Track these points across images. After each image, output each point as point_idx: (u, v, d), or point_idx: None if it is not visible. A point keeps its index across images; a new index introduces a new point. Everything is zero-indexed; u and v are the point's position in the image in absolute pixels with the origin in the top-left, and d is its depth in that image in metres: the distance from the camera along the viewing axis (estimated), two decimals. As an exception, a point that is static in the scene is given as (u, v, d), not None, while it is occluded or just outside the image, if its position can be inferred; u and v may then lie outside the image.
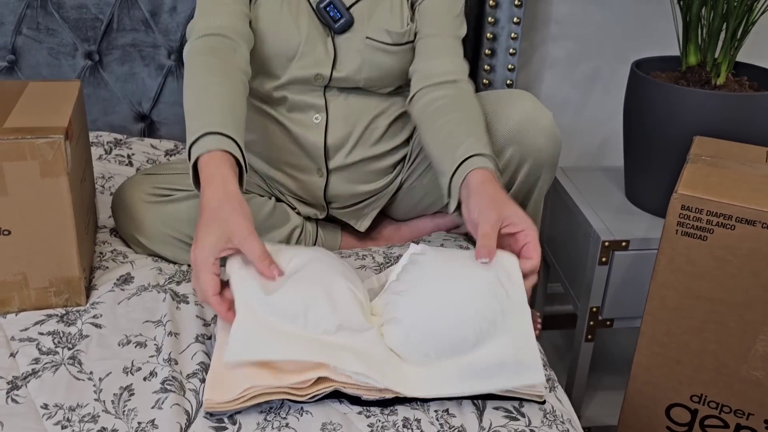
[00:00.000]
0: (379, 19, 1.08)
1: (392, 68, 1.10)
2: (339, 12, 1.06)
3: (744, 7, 1.26)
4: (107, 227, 1.14)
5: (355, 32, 1.08)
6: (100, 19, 1.38)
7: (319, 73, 1.08)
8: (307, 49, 1.07)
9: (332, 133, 1.10)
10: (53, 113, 0.89)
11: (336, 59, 1.08)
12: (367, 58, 1.08)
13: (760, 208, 0.95)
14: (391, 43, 1.08)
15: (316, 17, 1.07)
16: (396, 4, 1.09)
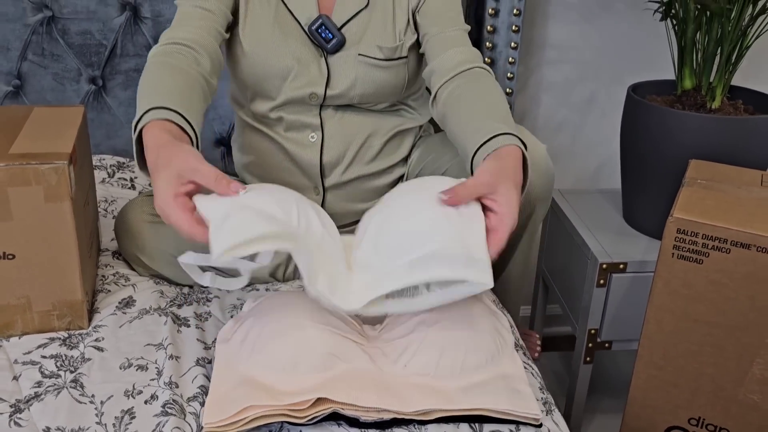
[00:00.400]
0: (371, 35, 1.10)
1: (386, 83, 1.12)
2: (331, 32, 1.08)
3: (738, 31, 1.28)
4: (109, 250, 1.15)
5: (348, 50, 1.10)
6: (104, 45, 1.40)
7: (314, 92, 1.10)
8: (301, 69, 1.09)
9: (328, 152, 1.12)
10: (58, 139, 0.91)
11: (329, 78, 1.10)
12: (360, 74, 1.10)
13: (755, 231, 0.97)
14: (383, 58, 1.10)
15: (307, 38, 1.09)
16: (388, 20, 1.12)
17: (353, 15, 1.10)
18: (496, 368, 0.85)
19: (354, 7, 1.10)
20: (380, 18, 1.11)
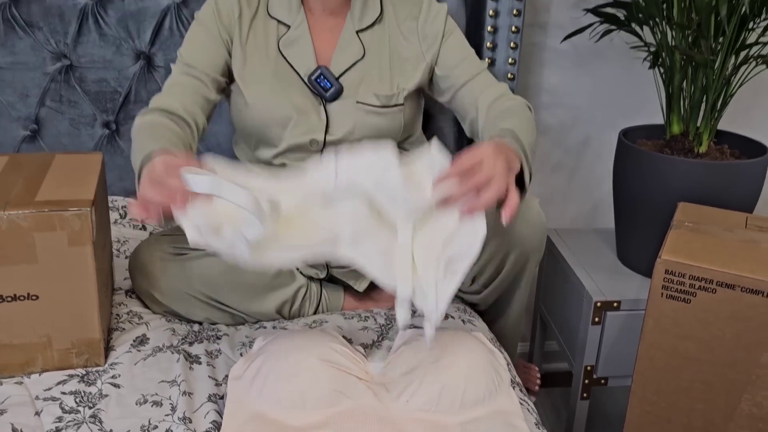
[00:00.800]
0: (368, 84, 1.16)
1: (383, 129, 1.18)
2: (329, 82, 1.15)
3: (722, 80, 1.35)
4: (122, 289, 1.20)
5: (346, 98, 1.16)
6: (119, 91, 1.47)
7: (314, 139, 1.16)
8: (301, 117, 1.15)
9: None
10: (80, 185, 0.96)
11: (329, 125, 1.16)
12: (359, 121, 1.16)
13: (738, 273, 1.02)
14: (380, 105, 1.16)
15: (307, 88, 1.16)
16: (384, 69, 1.18)
17: (351, 65, 1.16)
18: (494, 404, 0.89)
19: (351, 57, 1.17)
20: (376, 67, 1.17)
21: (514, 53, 1.44)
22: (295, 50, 1.16)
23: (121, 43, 1.43)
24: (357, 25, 1.17)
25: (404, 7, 1.20)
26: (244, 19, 1.16)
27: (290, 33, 1.16)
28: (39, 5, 1.39)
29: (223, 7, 1.16)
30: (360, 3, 1.17)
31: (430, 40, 1.19)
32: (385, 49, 1.18)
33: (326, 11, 1.17)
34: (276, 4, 1.17)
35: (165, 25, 1.42)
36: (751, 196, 1.33)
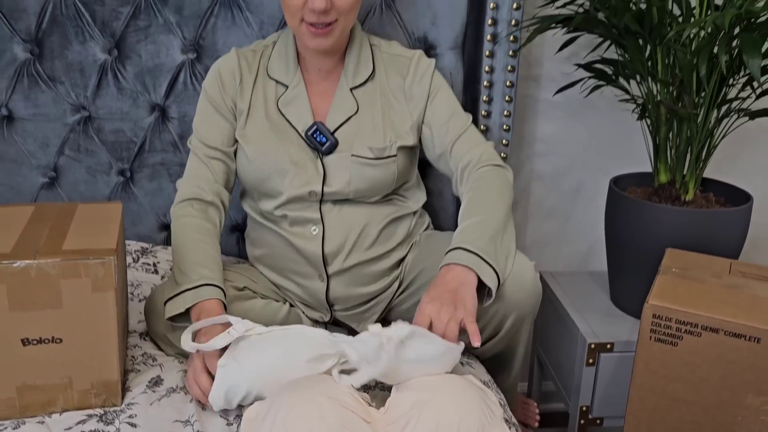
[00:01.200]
0: (362, 137, 1.24)
1: (377, 179, 1.25)
2: (325, 136, 1.23)
3: (705, 132, 1.43)
4: (136, 332, 1.25)
5: (341, 151, 1.24)
6: (134, 141, 1.55)
7: (312, 190, 1.23)
8: (299, 170, 1.23)
9: (329, 243, 1.24)
10: (102, 234, 1.03)
11: (326, 176, 1.24)
12: (354, 172, 1.23)
13: (722, 317, 1.08)
14: (374, 157, 1.24)
15: (304, 142, 1.24)
16: (377, 123, 1.26)
17: (345, 120, 1.25)
18: None
19: (345, 113, 1.25)
20: (370, 122, 1.26)
21: (509, 106, 1.53)
22: (293, 108, 1.24)
23: (137, 96, 1.51)
24: (350, 83, 1.26)
25: (393, 66, 1.29)
26: (246, 83, 1.26)
27: (288, 92, 1.25)
28: (62, 61, 1.48)
29: (225, 76, 1.26)
30: (353, 63, 1.26)
31: (416, 100, 1.27)
32: (377, 105, 1.26)
33: (322, 71, 1.26)
34: (275, 66, 1.26)
35: (179, 80, 1.51)
36: (735, 242, 1.40)
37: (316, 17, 1.14)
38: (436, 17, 1.48)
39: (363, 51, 1.27)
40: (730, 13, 1.15)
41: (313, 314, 1.30)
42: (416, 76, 1.28)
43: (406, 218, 1.32)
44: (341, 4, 1.15)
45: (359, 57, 1.27)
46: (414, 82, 1.27)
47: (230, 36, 1.48)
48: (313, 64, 1.26)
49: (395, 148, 1.25)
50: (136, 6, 1.45)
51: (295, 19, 1.17)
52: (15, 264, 0.93)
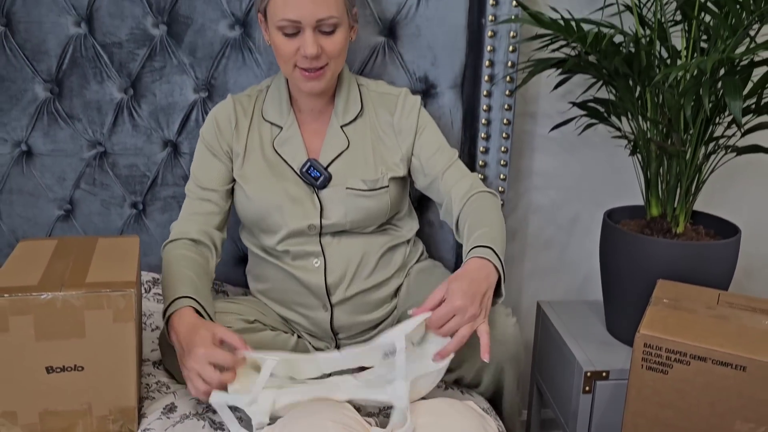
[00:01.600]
0: (355, 171, 1.32)
1: (372, 209, 1.32)
2: (318, 171, 1.31)
3: (694, 168, 1.49)
4: (150, 360, 1.30)
5: (336, 185, 1.31)
6: (147, 175, 1.62)
7: (311, 224, 1.30)
8: (296, 205, 1.30)
9: (331, 274, 1.31)
10: (122, 267, 1.09)
11: (322, 209, 1.30)
12: (349, 204, 1.30)
13: (709, 346, 1.13)
14: (368, 189, 1.31)
15: (300, 179, 1.31)
16: (368, 157, 1.33)
17: (337, 155, 1.32)
18: None
19: (337, 149, 1.33)
20: (361, 156, 1.33)
21: (506, 142, 1.60)
22: (288, 147, 1.32)
23: (151, 132, 1.58)
24: (341, 121, 1.34)
25: (381, 102, 1.37)
26: (241, 127, 1.34)
27: (283, 133, 1.33)
28: (80, 100, 1.55)
29: (221, 121, 1.34)
30: (342, 102, 1.34)
31: (405, 134, 1.35)
32: (367, 140, 1.34)
33: (314, 111, 1.34)
34: (269, 109, 1.35)
35: (191, 117, 1.58)
36: (724, 273, 1.46)
37: (308, 63, 1.22)
38: (436, 58, 1.56)
39: (351, 91, 1.36)
40: (713, 58, 1.22)
41: (319, 344, 1.36)
42: (404, 112, 1.36)
43: (401, 246, 1.39)
44: (331, 49, 1.23)
45: (348, 96, 1.35)
46: (402, 118, 1.35)
47: (240, 76, 1.55)
48: (305, 105, 1.34)
49: (387, 179, 1.32)
50: (152, 48, 1.53)
51: (289, 66, 1.25)
52: (42, 296, 0.99)
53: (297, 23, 1.20)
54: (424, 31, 1.54)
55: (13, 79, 1.52)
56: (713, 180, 1.79)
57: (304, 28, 1.20)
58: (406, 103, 1.36)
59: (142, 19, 1.51)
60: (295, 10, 1.19)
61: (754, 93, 1.39)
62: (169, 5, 1.50)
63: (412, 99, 1.37)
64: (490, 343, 1.07)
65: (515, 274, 1.92)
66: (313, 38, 1.20)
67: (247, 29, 1.53)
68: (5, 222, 1.61)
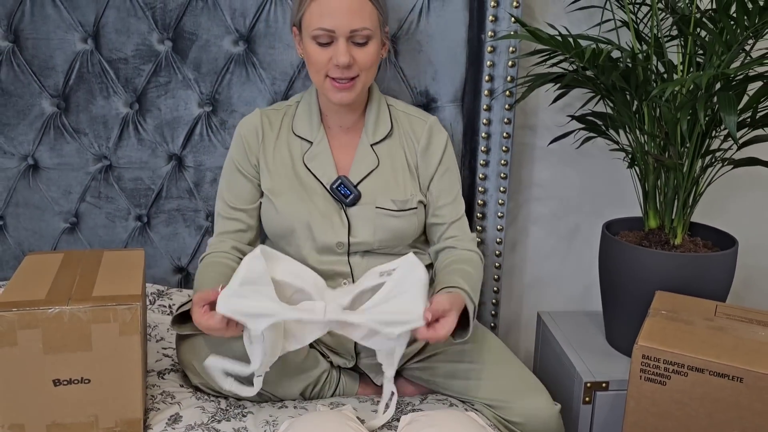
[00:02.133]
0: (385, 190, 1.33)
1: (400, 230, 1.33)
2: (348, 189, 1.32)
3: (691, 181, 1.51)
4: (154, 371, 1.32)
5: (365, 203, 1.32)
6: (152, 189, 1.64)
7: (340, 241, 1.31)
8: (325, 221, 1.31)
9: None
10: (128, 281, 1.11)
11: (351, 227, 1.32)
12: (378, 223, 1.32)
13: (707, 358, 1.15)
14: (397, 209, 1.32)
15: (329, 195, 1.32)
16: (398, 177, 1.35)
17: (367, 174, 1.33)
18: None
19: (367, 167, 1.34)
20: (391, 175, 1.34)
21: (506, 155, 1.62)
22: (318, 163, 1.33)
23: (156, 146, 1.61)
24: (371, 139, 1.35)
25: (409, 124, 1.38)
26: (268, 140, 1.35)
27: (313, 148, 1.34)
28: (86, 114, 1.58)
29: (248, 135, 1.35)
30: (372, 120, 1.36)
31: (422, 169, 1.37)
32: (396, 160, 1.35)
33: (343, 128, 1.35)
34: (299, 124, 1.36)
35: (196, 131, 1.61)
36: (722, 284, 1.47)
37: (340, 72, 1.24)
38: (437, 73, 1.59)
39: (381, 110, 1.37)
40: (708, 74, 1.24)
41: (338, 360, 1.35)
42: (429, 149, 1.37)
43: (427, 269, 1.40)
44: (363, 60, 1.25)
45: (378, 115, 1.37)
46: (426, 153, 1.37)
47: (244, 91, 1.58)
48: (334, 120, 1.36)
49: (416, 200, 1.35)
50: (158, 64, 1.55)
51: (320, 75, 1.27)
52: (50, 310, 1.01)
53: (331, 33, 1.22)
54: (425, 47, 1.57)
55: (21, 95, 1.55)
56: (711, 192, 1.81)
57: (338, 38, 1.23)
58: (431, 140, 1.37)
59: (147, 35, 1.54)
60: (331, 19, 1.22)
61: (749, 107, 1.41)
62: (174, 22, 1.53)
63: (438, 137, 1.38)
64: (424, 338, 1.10)
65: (515, 285, 1.93)
66: (345, 48, 1.23)
67: (250, 45, 1.56)
68: (11, 235, 1.63)
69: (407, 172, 1.36)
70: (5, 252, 1.64)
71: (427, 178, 1.37)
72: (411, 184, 1.35)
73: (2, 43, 1.52)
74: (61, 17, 1.51)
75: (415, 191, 1.35)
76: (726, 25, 1.29)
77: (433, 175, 1.37)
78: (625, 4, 1.50)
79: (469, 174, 1.65)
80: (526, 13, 1.68)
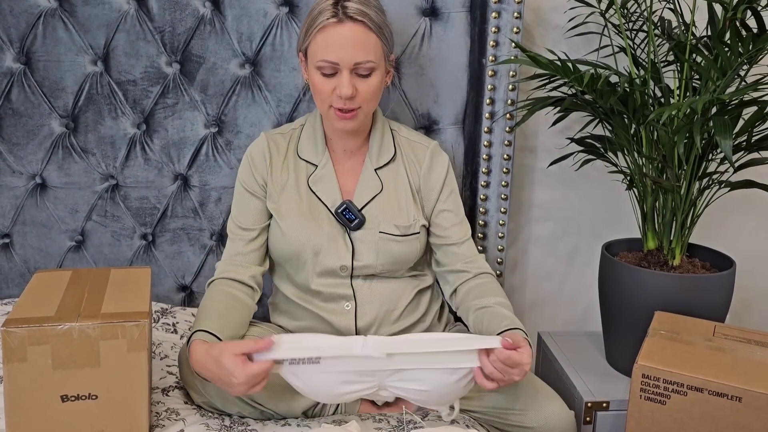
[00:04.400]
0: (389, 215, 1.35)
1: (403, 254, 1.35)
2: (353, 214, 1.34)
3: (688, 203, 1.54)
4: (159, 388, 1.33)
5: (369, 228, 1.34)
6: (158, 208, 1.66)
7: (343, 264, 1.33)
8: (330, 245, 1.33)
9: (361, 317, 1.33)
10: (135, 298, 1.13)
11: (354, 251, 1.34)
12: (381, 248, 1.34)
13: (705, 377, 1.16)
14: (400, 234, 1.35)
15: (334, 219, 1.35)
16: (402, 201, 1.37)
17: (371, 198, 1.36)
18: None
19: (371, 191, 1.36)
20: (394, 200, 1.37)
21: (507, 177, 1.64)
22: (323, 186, 1.36)
23: (162, 166, 1.63)
24: (375, 164, 1.38)
25: (411, 150, 1.41)
26: (275, 163, 1.38)
27: (318, 171, 1.36)
28: (95, 134, 1.60)
29: (256, 157, 1.38)
30: (376, 145, 1.38)
31: (425, 192, 1.39)
32: (400, 184, 1.38)
33: (347, 152, 1.38)
34: (304, 147, 1.39)
35: (202, 152, 1.63)
36: (720, 305, 1.49)
37: (342, 103, 1.27)
38: (439, 96, 1.62)
39: (385, 134, 1.40)
40: (704, 98, 1.27)
41: None
42: (431, 175, 1.39)
43: (427, 291, 1.43)
44: (365, 91, 1.28)
45: (382, 140, 1.39)
46: (429, 179, 1.39)
47: (250, 113, 1.61)
48: (339, 145, 1.38)
49: (419, 225, 1.37)
50: (165, 86, 1.59)
51: (325, 104, 1.30)
52: (59, 326, 1.03)
53: (335, 65, 1.25)
54: (427, 70, 1.60)
55: (31, 115, 1.58)
56: (708, 213, 1.83)
57: (342, 70, 1.26)
58: (433, 166, 1.40)
59: (156, 58, 1.57)
60: (335, 52, 1.24)
61: (744, 131, 1.44)
62: (182, 45, 1.57)
63: (439, 162, 1.40)
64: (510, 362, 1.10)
65: (516, 305, 1.95)
66: (349, 80, 1.25)
67: (257, 68, 1.59)
68: (18, 252, 1.65)
69: (410, 196, 1.38)
70: (11, 269, 1.66)
71: (432, 201, 1.39)
72: (414, 208, 1.38)
73: (14, 65, 1.55)
74: (72, 40, 1.55)
75: (418, 216, 1.37)
76: (721, 52, 1.32)
77: (438, 197, 1.39)
78: (623, 31, 1.54)
79: (470, 195, 1.67)
80: (527, 39, 1.72)
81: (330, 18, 1.24)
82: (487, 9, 1.55)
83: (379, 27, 1.27)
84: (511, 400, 1.27)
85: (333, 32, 1.24)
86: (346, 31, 1.24)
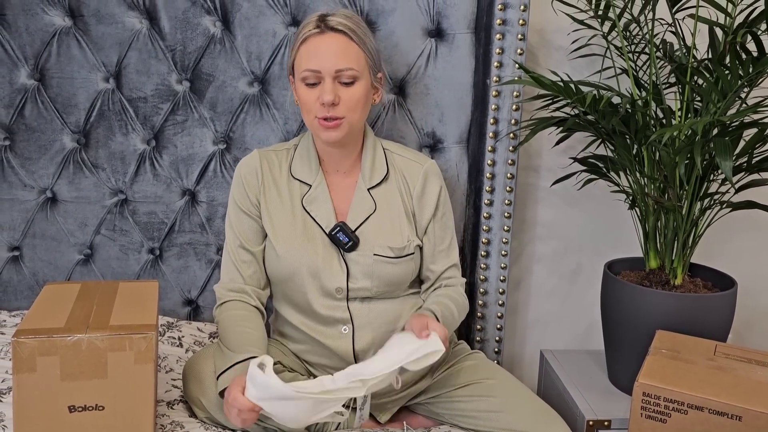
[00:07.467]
0: (383, 236, 1.36)
1: (398, 275, 1.36)
2: (347, 236, 1.34)
3: (690, 222, 1.55)
4: (164, 401, 1.35)
5: (363, 249, 1.35)
6: (165, 222, 1.69)
7: (339, 287, 1.34)
8: (325, 266, 1.34)
9: (359, 341, 1.34)
10: (143, 311, 1.15)
11: (349, 273, 1.35)
12: (376, 269, 1.35)
13: (706, 396, 1.17)
14: (395, 256, 1.35)
15: (328, 240, 1.35)
16: (395, 222, 1.38)
17: (365, 219, 1.37)
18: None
19: (365, 212, 1.37)
20: (388, 220, 1.38)
21: (510, 195, 1.66)
22: (316, 206, 1.37)
23: (171, 182, 1.66)
24: (368, 183, 1.39)
25: (405, 169, 1.42)
26: (267, 181, 1.38)
27: (312, 191, 1.38)
28: (105, 150, 1.63)
29: (247, 175, 1.39)
30: (369, 165, 1.40)
31: (418, 215, 1.41)
32: (393, 204, 1.39)
33: (340, 172, 1.40)
34: (298, 167, 1.40)
35: (210, 168, 1.66)
36: (721, 324, 1.50)
37: (326, 111, 1.29)
38: (443, 115, 1.65)
39: (377, 154, 1.41)
40: (704, 120, 1.29)
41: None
42: (424, 196, 1.41)
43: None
44: (347, 99, 1.30)
45: (374, 159, 1.40)
46: (422, 198, 1.41)
47: (258, 130, 1.64)
48: (331, 165, 1.40)
49: (413, 245, 1.38)
50: (175, 103, 1.62)
51: (310, 116, 1.32)
52: (68, 338, 1.04)
53: (318, 73, 1.28)
54: (433, 90, 1.63)
55: (43, 130, 1.61)
56: (710, 233, 1.84)
57: (324, 78, 1.29)
58: (427, 184, 1.41)
59: (167, 75, 1.60)
60: (317, 60, 1.28)
61: (745, 152, 1.46)
62: (192, 63, 1.60)
63: (432, 182, 1.42)
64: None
65: (519, 323, 1.96)
66: (331, 86, 1.28)
67: (265, 86, 1.62)
68: (27, 265, 1.67)
69: (404, 216, 1.39)
70: (20, 282, 1.68)
71: (424, 223, 1.41)
72: (408, 228, 1.38)
73: (28, 81, 1.59)
74: (85, 58, 1.58)
75: (412, 236, 1.38)
76: (721, 75, 1.35)
77: (430, 221, 1.41)
78: (625, 53, 1.56)
79: (473, 213, 1.69)
80: (530, 60, 1.75)
81: (313, 29, 1.29)
82: (492, 31, 1.58)
83: (362, 39, 1.31)
84: (516, 422, 1.28)
85: (315, 42, 1.29)
86: (328, 39, 1.29)
